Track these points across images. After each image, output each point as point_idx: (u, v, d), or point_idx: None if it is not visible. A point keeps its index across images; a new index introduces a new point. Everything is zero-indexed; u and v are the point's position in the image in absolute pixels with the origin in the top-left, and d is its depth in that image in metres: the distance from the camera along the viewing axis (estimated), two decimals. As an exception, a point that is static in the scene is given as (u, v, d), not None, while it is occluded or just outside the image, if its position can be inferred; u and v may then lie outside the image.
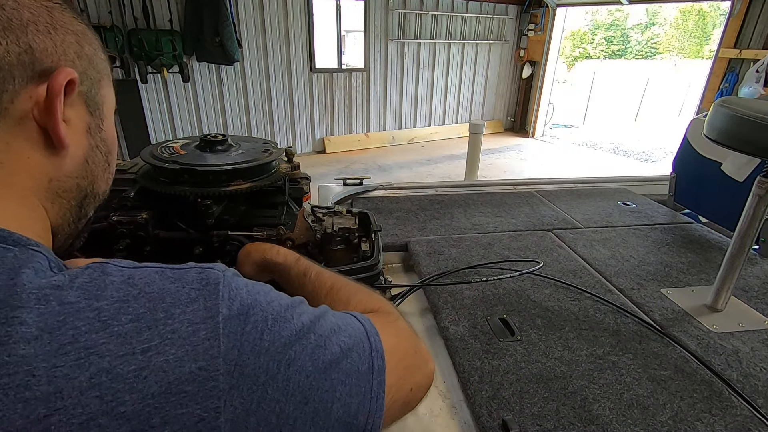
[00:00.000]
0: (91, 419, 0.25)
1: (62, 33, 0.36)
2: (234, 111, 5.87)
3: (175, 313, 0.30)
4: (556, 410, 0.77)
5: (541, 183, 2.04)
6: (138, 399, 0.26)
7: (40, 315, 0.26)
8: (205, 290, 0.32)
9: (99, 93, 0.41)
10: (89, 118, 0.40)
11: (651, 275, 1.25)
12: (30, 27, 0.33)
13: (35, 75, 0.34)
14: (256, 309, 0.33)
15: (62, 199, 0.39)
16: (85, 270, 0.30)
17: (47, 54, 0.35)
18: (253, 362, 0.31)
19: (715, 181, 1.56)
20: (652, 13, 26.80)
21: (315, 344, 0.36)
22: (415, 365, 0.45)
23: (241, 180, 0.80)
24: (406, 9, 6.65)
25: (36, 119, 0.35)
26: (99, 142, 0.42)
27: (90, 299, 0.28)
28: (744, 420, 0.77)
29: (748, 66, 4.77)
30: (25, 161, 0.35)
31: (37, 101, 0.34)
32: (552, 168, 6.44)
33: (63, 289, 0.28)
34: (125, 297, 0.29)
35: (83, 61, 0.38)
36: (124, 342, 0.27)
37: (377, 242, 0.88)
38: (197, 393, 0.28)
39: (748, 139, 0.89)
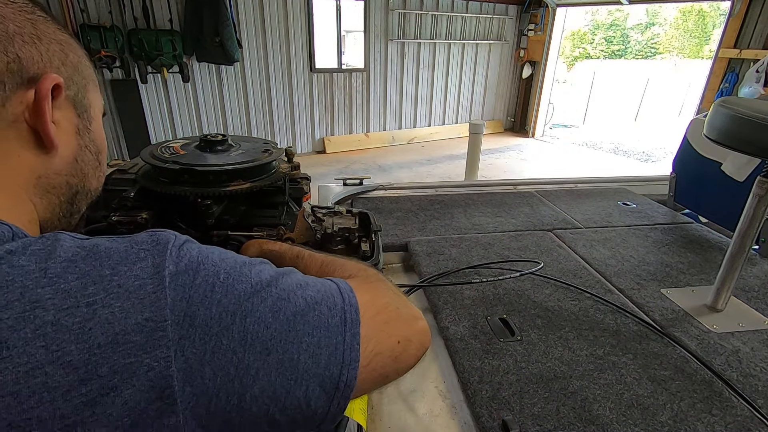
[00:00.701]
0: (37, 367, 0.26)
1: (47, 43, 0.39)
2: (234, 111, 5.87)
3: (121, 270, 0.31)
4: (556, 410, 0.77)
5: (541, 183, 2.04)
6: (84, 349, 0.27)
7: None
8: (154, 249, 0.33)
9: (86, 97, 0.44)
10: (77, 120, 0.43)
11: (651, 275, 1.25)
12: (16, 38, 0.36)
13: (24, 81, 0.37)
14: (206, 265, 0.34)
15: (51, 194, 0.42)
16: (39, 239, 0.32)
17: (33, 62, 0.38)
18: (203, 313, 0.31)
19: (715, 181, 1.56)
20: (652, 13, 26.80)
21: (276, 297, 0.36)
22: (397, 319, 0.44)
23: (241, 180, 0.80)
24: (406, 9, 6.65)
25: (27, 121, 0.38)
26: (88, 142, 0.45)
27: (40, 261, 0.30)
28: (744, 420, 0.77)
29: (748, 66, 4.77)
30: (16, 159, 0.38)
31: (27, 105, 0.37)
32: (552, 168, 6.44)
33: (15, 254, 0.30)
34: (73, 258, 0.30)
35: (68, 68, 0.41)
36: (68, 296, 0.28)
37: (377, 242, 0.88)
38: (145, 343, 0.29)
39: (748, 139, 0.89)
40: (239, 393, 0.32)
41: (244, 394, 0.32)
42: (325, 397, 0.36)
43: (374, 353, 0.40)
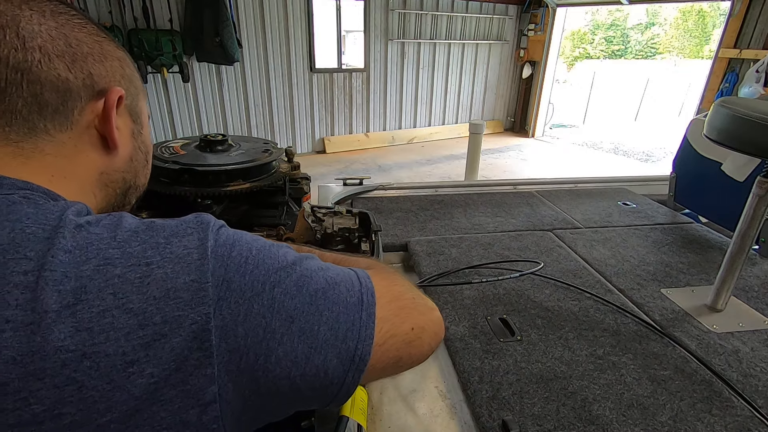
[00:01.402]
0: (107, 310, 0.32)
1: (110, 60, 0.47)
2: (234, 111, 5.87)
3: (173, 241, 0.37)
4: (556, 410, 0.77)
5: (541, 183, 2.04)
6: (143, 299, 0.33)
7: (74, 237, 0.35)
8: (198, 227, 0.39)
9: (138, 105, 0.51)
10: (132, 125, 0.51)
11: (651, 275, 1.25)
12: (88, 58, 0.44)
13: (94, 94, 0.44)
14: (240, 242, 0.39)
15: (108, 188, 0.49)
16: (108, 215, 0.39)
17: (102, 77, 0.45)
18: (238, 280, 0.37)
19: (715, 181, 1.56)
20: (652, 13, 26.80)
21: (300, 274, 0.40)
22: (412, 308, 0.48)
23: (241, 180, 0.80)
24: (406, 9, 6.65)
25: (96, 127, 0.45)
26: (140, 144, 0.53)
27: (110, 231, 0.37)
28: (744, 420, 0.77)
29: (748, 66, 4.77)
30: (86, 158, 0.45)
31: (97, 114, 0.45)
32: (552, 168, 6.44)
33: (91, 224, 0.37)
34: (136, 229, 0.37)
35: (126, 81, 0.49)
36: (132, 257, 0.35)
37: (377, 242, 0.88)
38: (191, 300, 0.34)
39: (748, 139, 0.89)
40: (266, 354, 0.36)
41: (270, 355, 0.37)
42: (341, 368, 0.40)
43: (389, 335, 0.44)
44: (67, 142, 0.43)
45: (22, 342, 0.30)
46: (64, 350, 0.31)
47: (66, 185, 0.43)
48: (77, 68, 0.43)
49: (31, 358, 0.30)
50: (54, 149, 0.43)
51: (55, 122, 0.42)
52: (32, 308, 0.31)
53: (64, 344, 0.31)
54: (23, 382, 0.30)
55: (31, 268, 0.32)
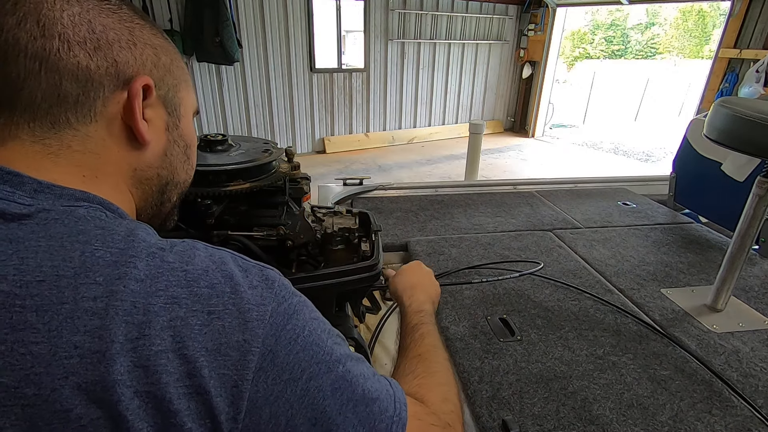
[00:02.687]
0: (163, 351, 0.32)
1: (141, 47, 0.43)
2: (234, 111, 5.87)
3: (239, 290, 0.37)
4: (556, 410, 0.77)
5: (541, 183, 2.04)
6: (197, 348, 0.33)
7: (148, 265, 0.34)
8: (264, 283, 0.39)
9: (177, 96, 0.48)
10: (167, 118, 0.47)
11: (651, 275, 1.25)
12: (114, 45, 0.41)
13: (120, 83, 0.41)
14: (299, 316, 0.39)
15: (144, 185, 0.47)
16: (182, 242, 0.39)
17: (128, 65, 0.42)
18: (283, 356, 0.36)
19: (715, 181, 1.56)
20: (652, 13, 26.80)
21: (340, 375, 0.39)
22: None
23: (241, 180, 0.80)
24: (406, 9, 6.64)
25: (123, 119, 0.42)
26: (177, 138, 0.49)
27: (182, 263, 0.36)
28: (744, 420, 0.77)
29: (748, 66, 4.77)
30: (116, 153, 0.43)
31: (122, 104, 0.42)
32: (552, 168, 6.44)
33: (165, 250, 0.36)
34: (206, 267, 0.37)
35: (160, 70, 0.45)
36: (198, 301, 0.35)
37: (377, 242, 0.88)
38: (238, 360, 0.34)
39: (748, 139, 0.89)
40: None
41: None
42: None
43: None
44: (93, 135, 0.41)
45: (88, 369, 0.30)
46: (122, 384, 0.30)
47: (99, 185, 0.41)
48: (100, 56, 0.40)
49: (93, 387, 0.30)
50: (80, 144, 0.40)
51: (78, 114, 0.40)
52: (100, 336, 0.31)
53: (122, 378, 0.30)
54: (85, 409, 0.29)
55: (100, 293, 0.32)
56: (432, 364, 0.59)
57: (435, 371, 0.58)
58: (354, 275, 0.81)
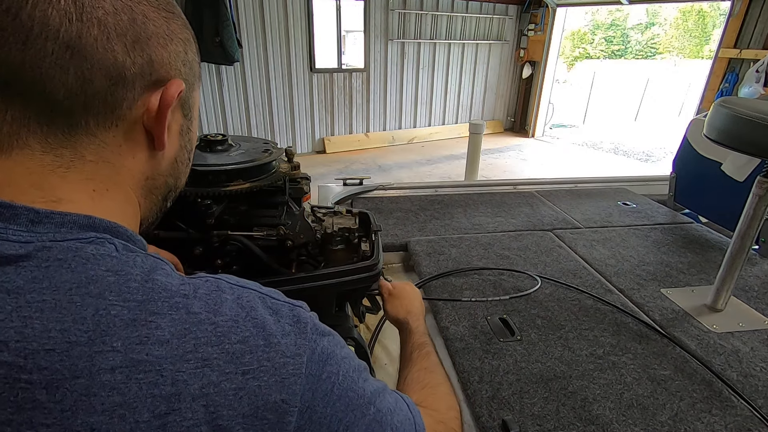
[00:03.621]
0: (196, 425, 0.29)
1: (175, 43, 0.38)
2: (234, 111, 5.87)
3: (272, 342, 0.34)
4: (556, 410, 0.77)
5: (541, 183, 2.04)
6: (232, 416, 0.30)
7: (172, 321, 0.30)
8: (296, 326, 0.36)
9: (192, 96, 0.43)
10: (183, 121, 0.42)
11: (651, 275, 1.25)
12: (152, 39, 0.35)
13: (151, 84, 0.36)
14: (332, 360, 0.37)
15: (153, 194, 0.42)
16: (205, 282, 0.35)
17: (162, 64, 0.36)
18: (320, 410, 0.35)
19: (715, 181, 1.56)
20: (652, 13, 26.80)
21: (372, 418, 0.39)
22: None
23: (241, 180, 0.80)
24: (406, 9, 6.64)
25: (144, 124, 0.37)
26: (187, 142, 0.44)
27: (209, 312, 0.32)
28: (744, 420, 0.77)
29: (748, 66, 4.77)
30: (131, 161, 0.37)
31: (148, 108, 0.36)
32: (552, 168, 6.44)
33: (188, 297, 0.32)
34: (236, 317, 0.33)
35: (186, 68, 0.40)
36: (230, 361, 0.31)
37: (377, 242, 0.88)
38: (276, 423, 0.32)
39: (748, 139, 0.89)
40: None
41: None
42: None
43: None
44: (110, 143, 0.35)
45: None
46: None
47: (110, 200, 0.36)
48: (137, 51, 0.34)
49: None
50: (95, 153, 0.35)
51: (99, 118, 0.34)
52: (121, 416, 0.27)
53: None
54: None
55: (119, 363, 0.27)
56: (437, 376, 0.64)
57: (440, 383, 0.63)
58: (354, 275, 0.81)
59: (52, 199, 0.32)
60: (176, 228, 0.81)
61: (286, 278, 0.77)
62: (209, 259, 0.79)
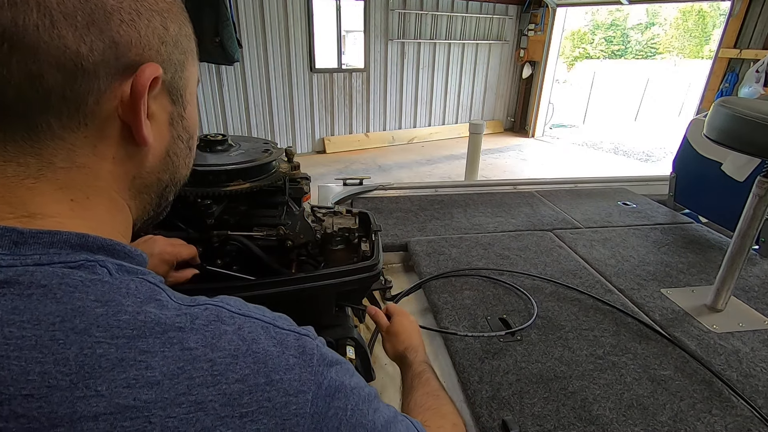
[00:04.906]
0: None
1: (147, 17, 0.32)
2: (234, 111, 5.87)
3: (274, 379, 0.31)
4: (556, 410, 0.77)
5: (541, 183, 2.04)
6: None
7: (164, 359, 0.28)
8: (301, 358, 0.33)
9: (182, 77, 0.37)
10: (171, 108, 0.37)
11: (651, 275, 1.25)
12: (113, 17, 0.30)
13: (119, 71, 0.31)
14: (341, 393, 0.35)
15: (143, 194, 0.38)
16: (204, 311, 0.32)
17: (131, 46, 0.31)
18: None
19: (715, 181, 1.56)
20: (652, 13, 26.81)
21: None
22: None
23: (241, 180, 0.80)
24: (406, 9, 6.64)
25: (120, 117, 0.32)
26: (181, 132, 0.39)
27: (206, 347, 0.29)
28: (744, 420, 0.77)
29: (748, 66, 4.77)
30: (110, 162, 0.33)
31: (121, 98, 0.31)
32: (552, 168, 6.44)
33: (185, 331, 0.29)
34: (235, 352, 0.30)
35: (168, 47, 0.34)
36: (227, 403, 0.28)
37: (377, 242, 0.88)
38: None
39: (748, 139, 0.89)
40: None
41: None
42: None
43: None
44: (82, 144, 0.31)
45: None
46: None
47: (92, 209, 0.32)
48: (94, 35, 0.29)
49: None
50: (67, 159, 0.31)
51: (62, 117, 0.29)
52: None
53: None
54: None
55: (102, 409, 0.25)
56: (440, 399, 0.61)
57: (443, 404, 0.60)
58: (354, 275, 0.81)
59: (23, 215, 0.29)
60: (176, 228, 0.81)
61: (286, 278, 0.77)
62: (209, 259, 0.79)
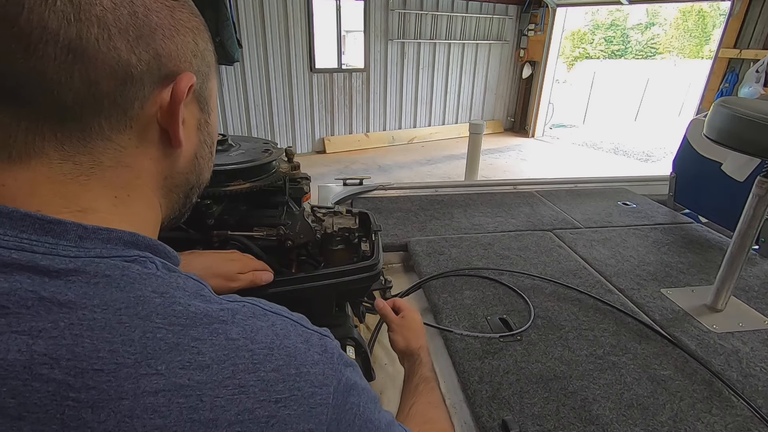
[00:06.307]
0: None
1: (182, 33, 0.36)
2: (234, 111, 5.87)
3: (303, 371, 0.34)
4: (556, 410, 0.77)
5: (541, 183, 2.04)
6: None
7: (213, 347, 0.31)
8: (324, 356, 0.36)
9: (207, 87, 0.41)
10: (200, 115, 0.41)
11: (651, 275, 1.25)
12: (157, 32, 0.34)
13: (161, 80, 0.35)
14: (354, 391, 0.38)
15: (173, 193, 0.42)
16: (242, 307, 0.35)
17: (171, 58, 0.35)
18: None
19: (715, 181, 1.56)
20: (652, 13, 26.81)
21: None
22: None
23: (241, 180, 0.80)
24: (406, 9, 6.64)
25: (159, 122, 0.36)
26: (206, 136, 0.43)
27: (247, 339, 0.33)
28: (744, 420, 0.77)
29: (748, 66, 4.77)
30: (147, 163, 0.37)
31: (161, 105, 0.35)
32: (552, 168, 6.44)
33: (227, 323, 0.33)
34: (271, 345, 0.34)
35: (197, 59, 0.38)
36: (265, 388, 0.32)
37: (377, 242, 0.88)
38: None
39: (748, 139, 0.89)
40: None
41: None
42: None
43: None
44: (127, 145, 0.35)
45: None
46: None
47: (131, 206, 0.36)
48: (142, 47, 0.33)
49: None
50: (113, 158, 0.34)
51: (111, 120, 0.33)
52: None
53: None
54: None
55: (162, 386, 0.28)
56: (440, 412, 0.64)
57: (441, 418, 0.63)
58: (354, 275, 0.81)
59: (77, 209, 0.32)
60: (176, 228, 0.81)
61: (286, 278, 0.77)
62: (209, 259, 0.79)
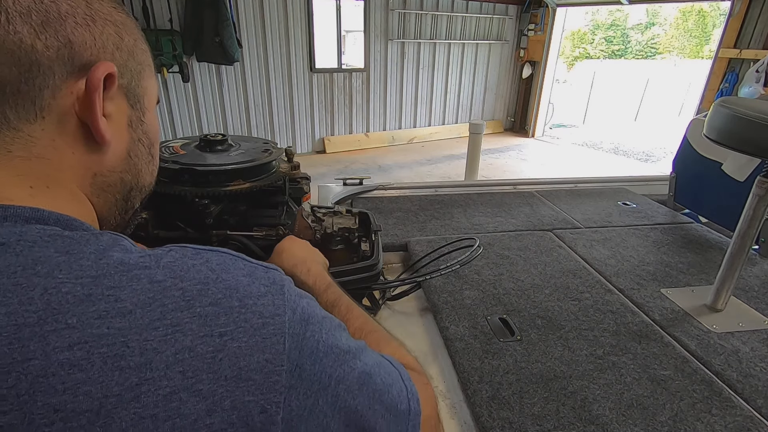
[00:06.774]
0: (174, 392, 0.27)
1: (101, 24, 0.35)
2: (234, 111, 5.87)
3: (248, 303, 0.32)
4: (556, 410, 0.77)
5: (541, 183, 2.04)
6: (213, 379, 0.28)
7: (133, 291, 0.29)
8: (272, 287, 0.34)
9: (140, 85, 0.41)
10: (130, 112, 0.40)
11: (651, 275, 1.25)
12: (68, 20, 0.33)
13: (75, 69, 0.34)
14: (314, 319, 0.35)
15: (107, 193, 0.40)
16: (168, 252, 0.33)
17: (86, 47, 0.34)
18: (310, 367, 0.33)
19: (715, 181, 1.56)
20: (652, 13, 26.81)
21: (362, 370, 0.37)
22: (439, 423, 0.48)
23: (241, 180, 0.80)
24: (406, 9, 6.64)
25: (77, 114, 0.35)
26: (141, 135, 0.42)
27: (175, 279, 0.31)
28: (744, 420, 0.77)
29: (748, 66, 4.77)
30: (70, 157, 0.35)
31: (77, 96, 0.34)
32: (552, 168, 6.44)
33: (150, 269, 0.30)
34: (205, 280, 0.31)
35: (123, 53, 0.38)
36: (204, 323, 0.29)
37: (377, 242, 0.88)
38: (263, 383, 0.30)
39: (748, 139, 0.89)
40: None
41: None
42: None
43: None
44: (40, 136, 0.33)
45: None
46: None
47: (52, 198, 0.34)
48: (50, 33, 0.32)
49: None
50: (23, 148, 0.33)
51: (18, 108, 0.32)
52: (86, 393, 0.25)
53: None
54: None
55: (77, 339, 0.26)
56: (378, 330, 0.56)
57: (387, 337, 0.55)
58: (354, 275, 0.81)
59: None
60: (176, 228, 0.81)
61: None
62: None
